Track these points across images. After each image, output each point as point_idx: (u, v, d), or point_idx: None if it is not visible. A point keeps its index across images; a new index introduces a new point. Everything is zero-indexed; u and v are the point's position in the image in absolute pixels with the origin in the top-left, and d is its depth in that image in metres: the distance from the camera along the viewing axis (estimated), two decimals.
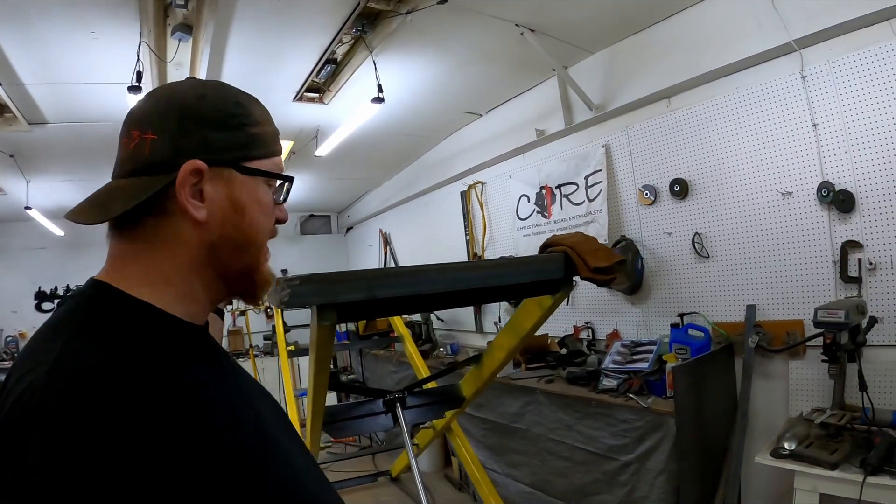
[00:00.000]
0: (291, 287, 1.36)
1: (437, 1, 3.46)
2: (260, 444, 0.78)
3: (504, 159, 5.65)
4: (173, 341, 0.78)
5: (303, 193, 8.92)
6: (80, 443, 0.59)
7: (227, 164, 0.84)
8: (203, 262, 0.84)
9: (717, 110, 3.65)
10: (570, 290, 1.78)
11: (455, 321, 6.68)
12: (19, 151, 5.66)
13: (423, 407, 2.93)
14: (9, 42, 3.71)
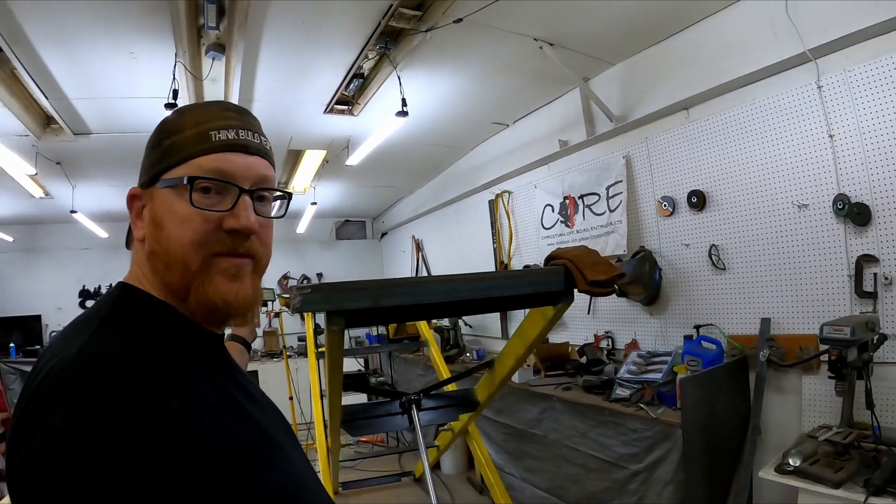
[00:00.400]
0: (303, 295, 1.43)
1: (453, 20, 3.52)
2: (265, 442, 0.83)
3: (529, 169, 5.67)
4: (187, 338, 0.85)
5: (336, 200, 9.07)
6: (96, 415, 0.64)
7: (150, 183, 0.87)
8: (153, 279, 0.87)
9: (734, 122, 3.61)
10: (571, 302, 1.79)
11: (482, 327, 6.70)
12: (65, 159, 5.96)
13: (438, 409, 2.96)
14: (55, 61, 3.95)
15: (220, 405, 0.80)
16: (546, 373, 4.63)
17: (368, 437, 6.84)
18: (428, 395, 2.92)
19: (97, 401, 0.65)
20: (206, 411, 0.75)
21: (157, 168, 0.86)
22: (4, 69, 4.06)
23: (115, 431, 0.64)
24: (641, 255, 4.14)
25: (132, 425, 0.65)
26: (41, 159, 5.63)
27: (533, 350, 2.42)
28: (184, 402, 0.72)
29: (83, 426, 0.63)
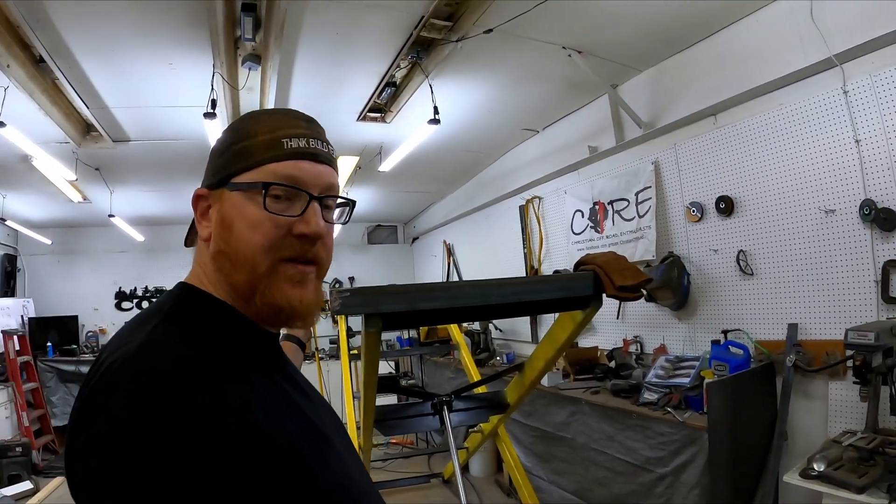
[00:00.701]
0: (343, 298, 1.54)
1: (484, 30, 3.62)
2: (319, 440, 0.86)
3: (559, 175, 5.74)
4: (245, 337, 0.88)
5: (368, 205, 9.24)
6: (155, 407, 0.67)
7: (221, 185, 0.89)
8: (217, 277, 0.90)
9: (761, 127, 3.63)
10: (599, 307, 1.85)
11: (513, 331, 6.77)
12: (104, 165, 6.24)
13: (468, 411, 3.05)
14: (96, 72, 4.17)
15: (274, 402, 0.82)
16: (575, 377, 4.69)
17: (398, 439, 6.94)
18: (459, 396, 3.00)
19: (156, 394, 0.68)
20: (260, 407, 0.77)
21: (228, 171, 0.89)
22: (46, 79, 4.28)
23: (171, 424, 0.66)
24: (670, 260, 4.17)
25: (188, 419, 0.67)
26: (81, 165, 5.90)
27: (562, 353, 2.48)
28: (238, 398, 0.75)
29: (142, 417, 0.66)
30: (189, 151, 5.69)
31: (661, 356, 4.12)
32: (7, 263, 8.60)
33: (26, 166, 5.85)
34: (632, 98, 4.39)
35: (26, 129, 4.49)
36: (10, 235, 8.70)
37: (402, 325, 1.88)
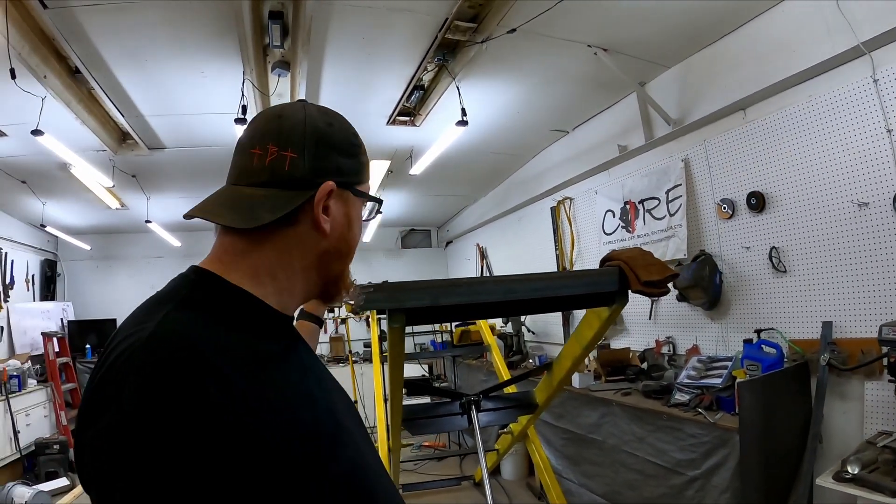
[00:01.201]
0: (366, 293, 1.58)
1: (507, 30, 3.67)
2: (332, 427, 0.85)
3: (590, 175, 5.75)
4: (262, 323, 0.87)
5: (401, 209, 9.37)
6: (165, 400, 0.66)
7: (348, 187, 0.96)
8: (312, 266, 0.95)
9: (790, 120, 3.59)
10: (625, 303, 1.85)
11: (545, 333, 6.78)
12: (140, 172, 6.48)
13: (497, 411, 3.06)
14: (130, 81, 4.35)
15: (288, 389, 0.82)
16: (606, 378, 4.68)
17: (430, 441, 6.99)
18: (487, 396, 3.02)
19: (166, 386, 0.68)
20: (275, 396, 0.77)
21: (356, 177, 0.99)
22: (82, 89, 4.47)
23: (182, 418, 0.66)
24: (701, 258, 4.14)
25: (199, 412, 0.67)
26: (118, 172, 6.12)
27: (589, 352, 2.47)
28: (251, 388, 0.74)
29: (152, 411, 0.66)
30: (222, 157, 5.82)
31: (694, 357, 4.09)
32: (47, 268, 8.99)
33: (65, 174, 6.09)
34: (660, 95, 4.38)
35: (64, 138, 4.68)
36: (51, 241, 9.10)
37: (426, 320, 1.89)
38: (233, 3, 3.36)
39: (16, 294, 7.93)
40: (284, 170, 0.89)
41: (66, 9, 3.34)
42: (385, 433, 4.15)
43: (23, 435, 6.27)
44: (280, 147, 0.90)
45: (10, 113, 4.61)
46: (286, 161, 0.90)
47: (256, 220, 0.86)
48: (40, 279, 8.80)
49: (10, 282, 7.82)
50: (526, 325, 6.82)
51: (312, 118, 0.94)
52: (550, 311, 2.81)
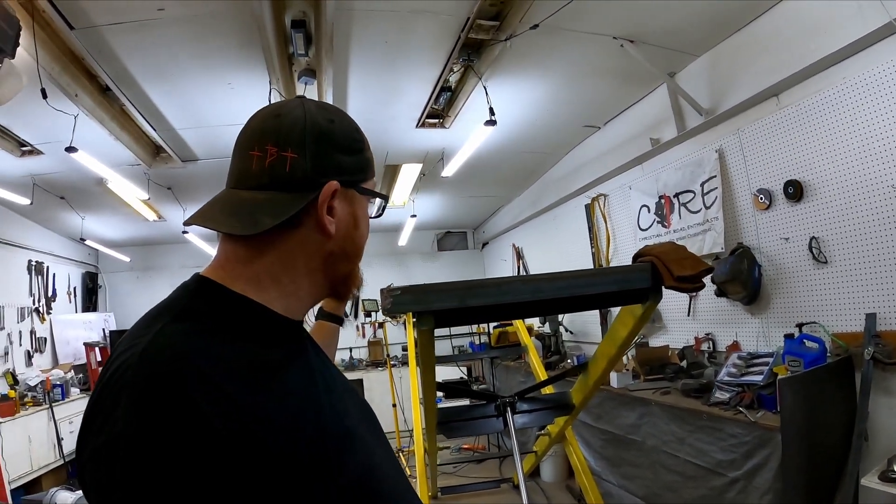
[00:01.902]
0: (394, 296, 1.58)
1: (530, 27, 3.70)
2: (340, 433, 0.84)
3: (623, 171, 5.73)
4: (264, 330, 0.85)
5: (436, 211, 9.42)
6: (157, 410, 0.67)
7: (352, 185, 0.95)
8: (318, 269, 0.93)
9: (825, 104, 3.52)
10: (659, 299, 1.81)
11: (584, 333, 6.76)
12: (176, 184, 6.69)
13: (533, 412, 3.06)
14: (160, 97, 4.53)
15: (291, 397, 0.81)
16: (645, 377, 4.64)
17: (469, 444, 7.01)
18: (523, 398, 3.02)
19: (157, 404, 0.68)
20: (275, 405, 0.77)
21: (362, 175, 0.98)
22: (114, 106, 4.65)
23: (174, 435, 0.66)
24: (739, 251, 4.09)
25: (191, 430, 0.67)
26: (153, 185, 6.34)
27: (625, 350, 2.44)
28: (248, 398, 0.73)
29: (144, 429, 0.66)
30: None
31: (734, 353, 4.02)
32: (89, 280, 9.43)
33: (102, 189, 6.31)
34: (690, 85, 4.35)
35: (99, 154, 4.88)
36: (91, 254, 9.52)
37: (455, 322, 1.89)
38: (255, 15, 3.46)
39: (58, 306, 8.30)
40: (285, 171, 0.87)
41: (93, 28, 3.50)
42: (421, 436, 4.18)
43: (66, 442, 6.49)
44: (280, 147, 0.87)
45: (44, 131, 4.85)
46: (287, 162, 0.87)
47: (258, 225, 0.84)
48: (82, 291, 9.19)
49: (52, 294, 8.17)
50: (564, 324, 6.79)
51: (312, 115, 0.91)
52: (583, 310, 2.80)
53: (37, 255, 7.87)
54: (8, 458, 5.56)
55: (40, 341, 7.69)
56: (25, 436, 5.97)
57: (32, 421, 6.15)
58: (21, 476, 5.77)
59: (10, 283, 7.22)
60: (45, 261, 8.03)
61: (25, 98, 3.39)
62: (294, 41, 3.74)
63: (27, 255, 7.67)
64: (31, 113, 4.32)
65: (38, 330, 7.67)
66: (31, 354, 7.42)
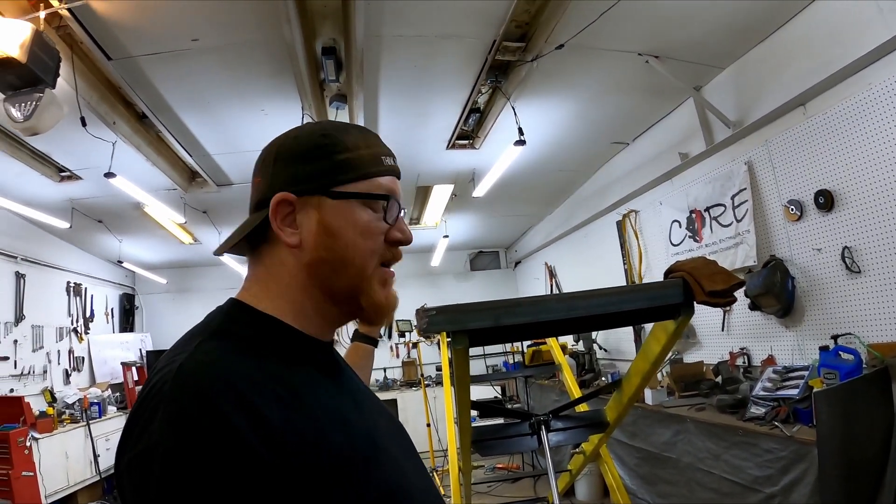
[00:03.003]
0: (429, 316, 1.62)
1: (556, 47, 3.82)
2: (369, 450, 0.87)
3: (653, 186, 5.79)
4: (291, 349, 0.91)
5: (468, 232, 9.58)
6: (192, 422, 0.71)
7: (316, 192, 0.93)
8: (307, 283, 0.94)
9: (852, 111, 3.55)
10: (691, 315, 1.81)
11: (618, 350, 6.78)
12: (211, 208, 6.95)
13: (567, 430, 3.05)
14: (195, 123, 4.77)
15: (321, 413, 0.84)
16: (680, 393, 4.64)
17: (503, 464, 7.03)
18: (557, 416, 3.05)
19: (192, 417, 0.72)
20: (305, 421, 0.80)
21: (329, 179, 0.94)
22: (151, 133, 4.90)
23: (207, 446, 0.70)
24: (772, 264, 4.11)
25: (225, 441, 0.70)
26: (189, 209, 6.61)
27: (658, 367, 2.44)
28: (279, 413, 0.77)
29: (179, 439, 0.70)
30: None
31: (769, 368, 4.02)
32: (126, 302, 9.83)
33: (139, 213, 6.57)
34: (717, 98, 4.43)
35: (136, 179, 5.13)
36: (128, 276, 9.94)
37: (490, 341, 1.93)
38: (286, 43, 3.65)
39: (96, 326, 8.69)
40: (254, 196, 0.98)
41: (129, 59, 3.73)
42: (455, 455, 4.22)
43: (102, 458, 6.74)
44: (254, 176, 0.99)
45: (83, 157, 5.11)
46: (254, 187, 0.98)
47: (229, 244, 0.98)
48: (119, 312, 9.58)
49: (90, 315, 8.55)
50: (597, 342, 6.81)
51: (280, 139, 0.99)
52: (616, 327, 2.80)
53: (75, 276, 8.23)
54: (45, 472, 5.78)
55: (78, 360, 8.05)
56: (63, 452, 6.21)
57: (70, 437, 6.40)
58: (57, 491, 5.99)
59: (49, 304, 7.56)
60: (83, 282, 8.40)
61: (65, 126, 3.57)
62: (325, 67, 3.91)
63: (66, 277, 8.03)
64: (70, 140, 4.56)
65: (76, 349, 8.03)
66: (69, 373, 7.77)
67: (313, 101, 4.32)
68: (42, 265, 7.37)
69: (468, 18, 3.65)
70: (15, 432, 5.48)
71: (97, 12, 3.22)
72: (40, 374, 7.09)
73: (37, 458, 5.68)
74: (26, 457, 5.56)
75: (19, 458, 5.46)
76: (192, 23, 3.49)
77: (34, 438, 5.73)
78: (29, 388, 6.73)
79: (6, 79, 2.95)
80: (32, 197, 5.85)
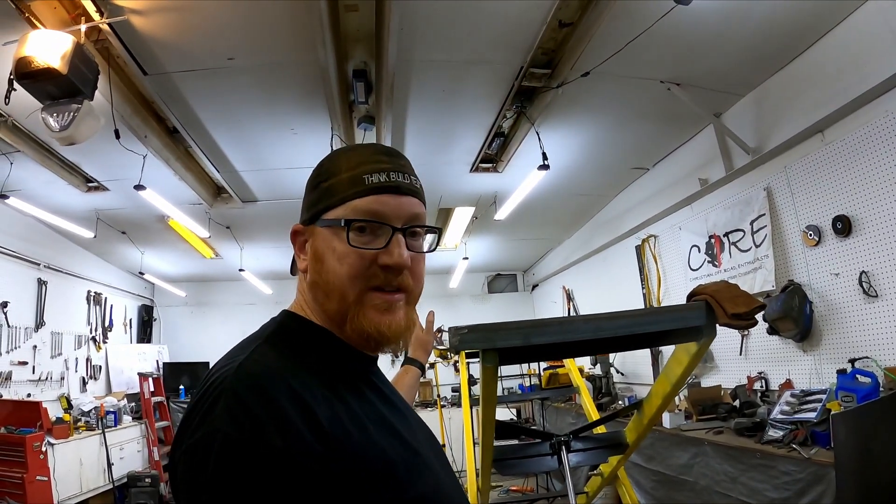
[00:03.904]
0: (461, 335, 1.72)
1: (581, 74, 3.97)
2: (409, 454, 0.93)
3: (673, 211, 5.92)
4: (338, 358, 0.98)
5: (487, 254, 9.73)
6: (251, 419, 0.76)
7: (311, 221, 1.01)
8: (313, 307, 1.02)
9: (869, 138, 3.68)
10: (713, 337, 1.89)
11: (634, 374, 6.85)
12: (234, 224, 7.15)
13: (587, 451, 3.13)
14: (224, 140, 4.93)
15: (364, 416, 0.90)
16: (698, 417, 4.70)
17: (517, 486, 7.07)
18: (577, 436, 3.12)
19: (252, 409, 0.77)
20: (349, 420, 0.86)
21: (317, 208, 0.99)
22: (180, 148, 5.10)
23: (264, 436, 0.75)
24: (790, 289, 4.21)
25: (280, 433, 0.76)
26: (213, 224, 6.79)
27: (679, 389, 2.47)
28: (328, 411, 0.83)
29: (239, 430, 0.75)
30: None
31: (787, 391, 4.10)
32: (144, 313, 10.05)
33: (162, 225, 6.74)
34: (736, 125, 4.57)
35: (163, 192, 5.27)
36: (148, 288, 10.17)
37: (518, 359, 2.02)
38: (319, 65, 3.80)
39: (114, 336, 8.89)
40: None
41: (164, 75, 3.88)
42: (474, 476, 4.27)
43: (116, 467, 6.90)
44: None
45: (113, 169, 5.30)
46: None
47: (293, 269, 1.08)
48: (137, 323, 9.80)
49: (109, 324, 8.76)
50: (615, 366, 6.89)
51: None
52: (639, 348, 2.89)
53: (96, 286, 8.45)
54: (59, 478, 5.91)
55: (95, 369, 8.25)
56: (77, 458, 6.35)
57: (84, 445, 6.53)
58: (70, 497, 6.11)
59: (68, 312, 7.75)
60: (103, 292, 8.62)
61: (97, 137, 3.67)
62: (355, 89, 4.07)
63: (87, 286, 8.25)
64: (99, 151, 4.73)
65: (93, 358, 8.23)
66: (85, 381, 7.95)
67: (342, 121, 4.49)
68: (64, 273, 7.57)
69: (497, 45, 3.80)
70: (31, 437, 5.62)
71: (136, 28, 3.36)
72: (58, 381, 7.26)
73: (51, 464, 5.82)
74: (41, 461, 5.69)
75: (34, 462, 5.59)
76: (229, 42, 3.64)
77: (50, 444, 5.86)
78: (46, 394, 6.89)
79: (46, 88, 3.06)
80: (59, 205, 6.04)
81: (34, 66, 2.88)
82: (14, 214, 6.04)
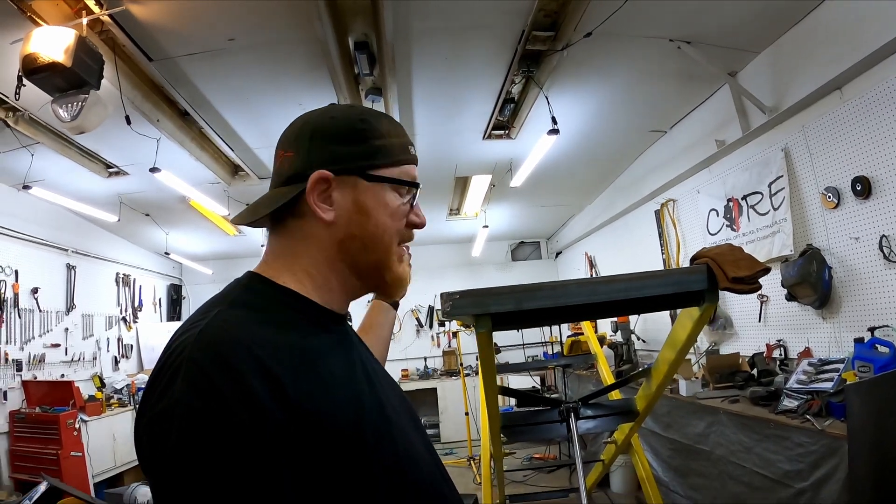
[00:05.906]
0: (452, 300, 1.68)
1: (584, 34, 3.82)
2: (380, 420, 0.92)
3: (691, 174, 5.74)
4: (306, 320, 0.95)
5: (508, 222, 9.62)
6: (211, 382, 0.75)
7: (353, 173, 0.98)
8: (335, 257, 1.00)
9: (888, 94, 3.44)
10: (716, 301, 1.83)
11: (656, 341, 6.71)
12: (253, 200, 6.84)
13: (597, 418, 3.09)
14: (235, 118, 4.94)
15: (333, 380, 0.89)
16: (714, 385, 4.59)
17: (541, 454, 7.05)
18: (587, 403, 3.07)
19: (213, 377, 0.75)
20: (317, 383, 0.85)
21: (366, 162, 0.99)
22: (193, 129, 5.08)
23: (226, 406, 0.74)
24: (809, 253, 4.03)
25: (242, 402, 0.74)
26: (232, 202, 6.80)
27: (685, 354, 2.41)
28: (291, 375, 0.81)
29: (199, 398, 0.74)
30: None
31: (804, 360, 3.95)
32: (173, 292, 10.31)
33: (184, 206, 6.77)
34: (752, 83, 4.36)
35: (181, 174, 5.35)
36: (175, 267, 10.39)
37: (513, 325, 1.96)
38: (319, 39, 3.76)
39: (144, 315, 9.12)
40: (285, 169, 1.01)
41: (169, 59, 3.91)
42: (488, 441, 4.24)
43: None
44: (284, 150, 1.03)
45: (129, 154, 5.36)
46: (286, 161, 1.01)
47: (255, 215, 1.01)
48: (167, 301, 10.04)
49: (138, 304, 8.98)
50: (636, 333, 6.76)
51: (313, 116, 1.04)
52: (640, 313, 2.79)
53: (124, 268, 8.62)
54: (93, 453, 6.12)
55: (126, 348, 8.47)
56: (110, 434, 6.54)
57: (117, 421, 6.72)
58: (105, 471, 6.34)
59: (99, 294, 7.95)
60: (131, 273, 8.79)
61: (111, 124, 3.78)
62: (358, 62, 4.00)
63: (115, 269, 8.42)
64: (116, 137, 4.79)
65: (124, 337, 8.45)
66: (117, 360, 8.18)
67: (349, 94, 4.42)
68: (92, 257, 7.73)
69: (494, 9, 3.68)
70: (65, 415, 5.81)
71: (137, 17, 3.39)
72: (90, 361, 7.45)
73: (85, 440, 6.00)
74: (75, 438, 5.87)
75: (69, 438, 5.78)
76: (226, 24, 3.64)
77: (83, 421, 6.03)
78: (79, 374, 7.08)
79: (53, 82, 3.15)
80: (82, 192, 6.15)
81: (40, 62, 2.99)
82: (40, 203, 6.14)
